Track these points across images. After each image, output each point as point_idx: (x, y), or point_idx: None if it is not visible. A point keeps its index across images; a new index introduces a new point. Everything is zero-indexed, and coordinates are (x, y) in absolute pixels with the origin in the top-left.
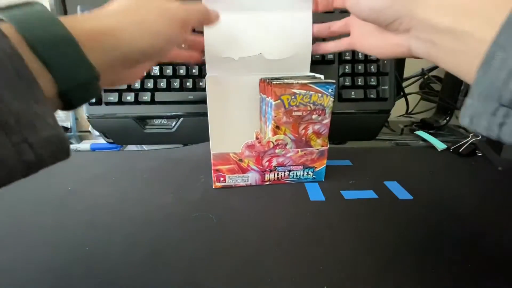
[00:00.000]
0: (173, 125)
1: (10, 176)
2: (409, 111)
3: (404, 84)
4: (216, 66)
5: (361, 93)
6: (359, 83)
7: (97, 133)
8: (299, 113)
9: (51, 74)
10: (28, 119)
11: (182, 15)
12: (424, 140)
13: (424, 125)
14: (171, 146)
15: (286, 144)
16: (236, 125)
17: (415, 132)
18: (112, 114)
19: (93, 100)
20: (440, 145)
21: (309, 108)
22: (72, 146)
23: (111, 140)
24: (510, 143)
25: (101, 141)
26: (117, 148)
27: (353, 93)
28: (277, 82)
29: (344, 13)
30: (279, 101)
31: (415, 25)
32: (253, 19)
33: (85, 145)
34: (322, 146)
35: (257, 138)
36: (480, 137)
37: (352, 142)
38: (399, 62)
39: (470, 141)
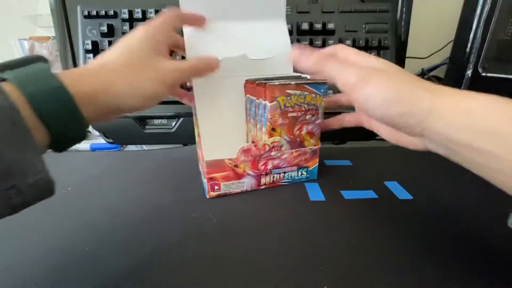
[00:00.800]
0: (173, 125)
1: None
2: None
3: None
4: None
5: None
6: None
7: (97, 133)
8: (294, 114)
9: (46, 127)
10: (19, 167)
11: (173, 78)
12: None
13: None
14: (171, 146)
15: (281, 146)
16: (226, 129)
17: None
18: None
19: None
20: None
21: (303, 109)
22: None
23: (111, 140)
24: None
25: (101, 141)
26: (117, 148)
27: None
28: (272, 83)
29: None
30: (275, 102)
31: (429, 134)
32: (230, 25)
33: (85, 145)
34: (315, 146)
35: (253, 142)
36: None
37: (352, 142)
38: (399, 62)
39: None
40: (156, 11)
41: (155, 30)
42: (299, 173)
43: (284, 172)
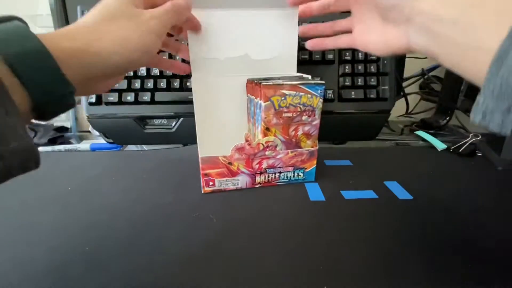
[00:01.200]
0: (173, 125)
1: None
2: (409, 111)
3: (404, 84)
4: (201, 67)
5: (361, 93)
6: (359, 83)
7: (97, 133)
8: (289, 115)
9: (26, 88)
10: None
11: (156, 25)
12: (424, 140)
13: (424, 125)
14: (171, 146)
15: (276, 146)
16: (224, 127)
17: (415, 132)
18: (112, 114)
19: (93, 100)
20: (440, 145)
21: (299, 109)
22: (72, 146)
23: (111, 140)
24: None
25: (101, 141)
26: (117, 148)
27: (353, 93)
28: (267, 83)
29: (345, 13)
30: (269, 102)
31: (416, 14)
32: (238, 16)
33: (85, 145)
34: (312, 147)
35: (246, 140)
36: (480, 137)
37: (352, 142)
38: (399, 62)
39: (470, 141)
40: None
41: None
42: (295, 174)
43: (280, 172)
